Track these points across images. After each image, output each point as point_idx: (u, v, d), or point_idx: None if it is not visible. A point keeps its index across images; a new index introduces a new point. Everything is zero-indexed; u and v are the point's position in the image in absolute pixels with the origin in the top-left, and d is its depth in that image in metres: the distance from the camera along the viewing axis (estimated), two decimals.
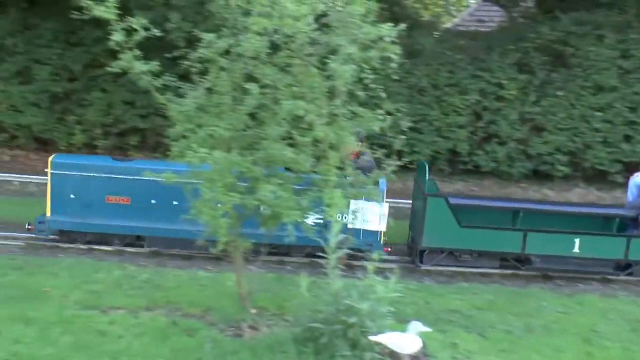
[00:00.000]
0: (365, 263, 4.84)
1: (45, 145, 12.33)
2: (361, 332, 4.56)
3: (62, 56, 12.40)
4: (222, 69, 4.79)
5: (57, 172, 7.43)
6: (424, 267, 7.53)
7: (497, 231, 7.43)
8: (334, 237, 4.75)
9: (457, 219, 7.34)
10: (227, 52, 4.78)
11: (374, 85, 4.96)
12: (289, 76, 4.93)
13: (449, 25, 17.32)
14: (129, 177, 7.24)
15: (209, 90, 4.85)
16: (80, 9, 5.51)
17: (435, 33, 13.49)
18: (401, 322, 4.99)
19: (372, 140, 5.44)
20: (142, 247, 7.57)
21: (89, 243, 7.59)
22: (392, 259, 7.56)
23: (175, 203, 7.05)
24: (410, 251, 7.98)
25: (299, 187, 5.12)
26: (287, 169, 5.20)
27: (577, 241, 7.41)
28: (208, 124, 4.70)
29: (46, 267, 6.69)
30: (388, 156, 5.46)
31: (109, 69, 5.02)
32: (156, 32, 4.70)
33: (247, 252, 5.49)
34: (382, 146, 5.74)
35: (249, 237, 5.35)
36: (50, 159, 7.57)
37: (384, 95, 5.04)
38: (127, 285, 6.24)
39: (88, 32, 12.09)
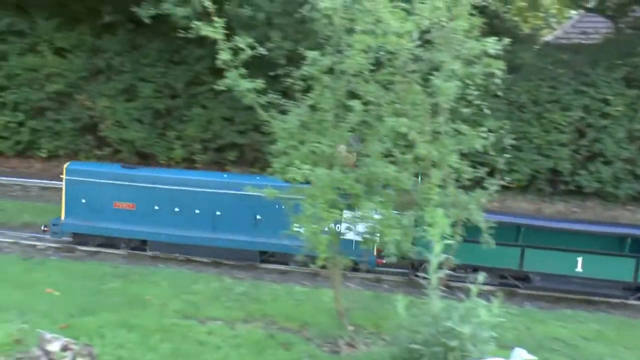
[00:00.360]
0: (467, 285, 4.70)
1: (145, 159, 12.81)
2: (462, 356, 4.42)
3: (165, 74, 12.90)
4: (325, 86, 4.80)
5: (70, 178, 7.83)
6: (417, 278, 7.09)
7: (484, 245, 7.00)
8: (436, 257, 4.64)
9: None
10: (330, 70, 4.80)
11: (477, 102, 4.84)
12: (391, 93, 4.89)
13: (549, 38, 16.76)
14: (135, 184, 7.59)
15: (312, 107, 4.87)
16: (185, 29, 5.72)
17: (535, 46, 13.11)
18: (503, 348, 4.80)
19: (472, 158, 5.29)
20: (145, 250, 7.82)
21: (99, 246, 7.91)
22: (387, 270, 7.53)
23: (176, 209, 7.46)
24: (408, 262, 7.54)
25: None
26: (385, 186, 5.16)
27: (580, 260, 6.96)
28: (310, 140, 4.72)
29: (147, 276, 6.92)
30: (490, 174, 5.31)
31: (214, 86, 5.15)
32: (262, 51, 4.78)
33: (346, 269, 5.46)
34: (481, 164, 5.60)
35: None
36: (65, 165, 7.99)
37: (488, 112, 4.91)
38: (224, 297, 6.34)
39: (190, 51, 12.53)
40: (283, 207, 6.64)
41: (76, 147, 13.37)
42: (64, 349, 4.47)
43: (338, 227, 6.44)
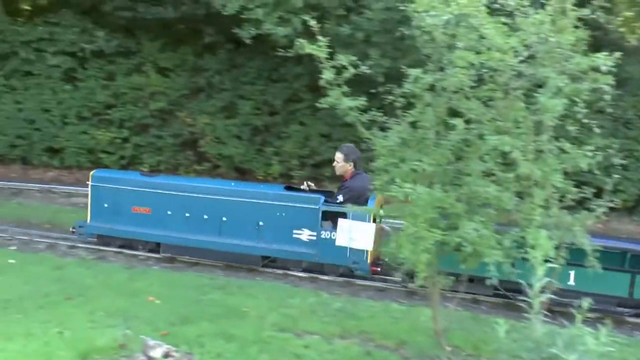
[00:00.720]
0: (571, 310, 4.53)
1: (243, 175, 13.16)
2: None
3: (264, 92, 13.25)
4: (427, 104, 4.78)
5: (95, 184, 8.42)
6: (410, 287, 7.01)
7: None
8: (538, 280, 4.50)
9: None
10: (431, 87, 4.78)
11: (584, 120, 4.68)
12: (493, 110, 4.81)
13: None
14: (151, 191, 8.09)
15: (412, 125, 4.86)
16: (284, 48, 5.87)
17: None
18: None
19: (576, 178, 5.11)
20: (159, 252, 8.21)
21: (120, 247, 8.38)
22: (382, 278, 7.52)
23: (187, 215, 7.90)
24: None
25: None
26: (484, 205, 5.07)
27: (572, 273, 6.60)
28: (411, 158, 4.71)
29: (245, 288, 7.05)
30: (596, 195, 5.11)
31: (313, 103, 5.24)
32: (364, 69, 4.82)
33: (445, 288, 5.38)
34: (585, 184, 5.39)
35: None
36: (91, 173, 8.61)
37: (597, 130, 4.73)
38: (321, 312, 6.35)
39: (289, 69, 12.82)
40: (284, 214, 7.49)
41: (176, 162, 13.92)
42: (166, 355, 4.64)
43: (333, 235, 7.22)
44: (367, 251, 7.25)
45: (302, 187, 8.12)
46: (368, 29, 10.59)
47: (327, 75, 4.78)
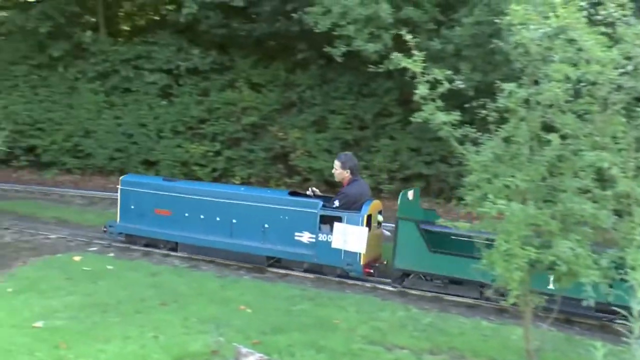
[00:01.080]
0: None
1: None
2: None
3: (354, 106, 13.35)
4: (521, 118, 4.70)
5: (124, 188, 9.19)
6: (398, 288, 7.60)
7: (463, 258, 6.88)
8: (638, 303, 4.32)
9: (427, 243, 7.26)
10: (525, 101, 4.70)
11: None
12: (590, 125, 4.67)
13: None
14: (171, 194, 8.75)
15: (506, 140, 4.79)
16: (375, 63, 5.93)
17: None
18: None
19: None
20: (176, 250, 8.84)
21: (145, 245, 9.03)
22: (374, 280, 7.81)
23: (202, 217, 8.54)
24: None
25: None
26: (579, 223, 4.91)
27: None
28: (504, 174, 4.64)
29: (334, 300, 7.10)
30: None
31: (403, 118, 5.25)
32: (459, 84, 4.81)
33: (537, 308, 5.25)
34: None
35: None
36: (121, 178, 9.44)
37: None
38: (410, 326, 6.31)
39: (379, 84, 12.88)
40: (286, 217, 8.02)
41: (267, 175, 14.21)
42: None
43: (330, 238, 7.69)
44: (360, 254, 7.58)
45: (307, 192, 8.58)
46: (459, 42, 10.51)
47: (422, 89, 4.78)
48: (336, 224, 7.63)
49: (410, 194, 7.81)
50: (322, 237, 7.84)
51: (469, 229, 4.93)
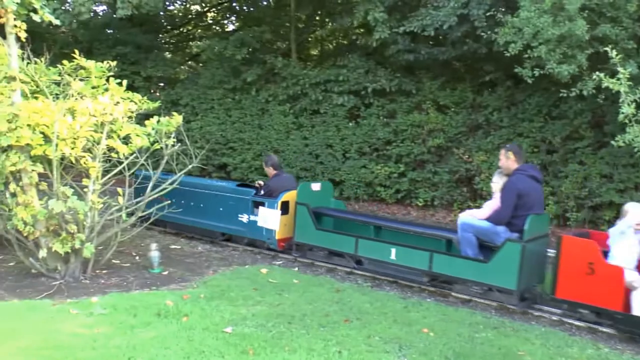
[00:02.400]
0: None
1: None
2: None
3: (542, 129, 12.86)
4: None
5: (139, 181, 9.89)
6: (297, 258, 9.68)
7: (337, 235, 9.20)
8: None
9: (314, 223, 9.26)
10: None
11: None
12: None
13: None
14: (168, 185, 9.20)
15: None
16: (567, 84, 5.65)
17: None
18: None
19: None
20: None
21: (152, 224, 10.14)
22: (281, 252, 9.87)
23: (182, 202, 10.42)
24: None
25: None
26: None
27: (394, 250, 8.43)
28: None
29: (519, 331, 6.84)
30: None
31: (613, 142, 4.96)
32: None
33: None
34: None
35: None
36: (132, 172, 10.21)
37: None
38: None
39: (569, 106, 12.31)
40: (233, 203, 10.15)
41: (451, 198, 14.06)
42: None
43: (256, 217, 9.80)
44: (275, 231, 9.62)
45: (255, 184, 10.61)
46: None
47: (627, 109, 4.52)
48: (260, 208, 9.74)
49: (314, 186, 9.86)
50: (253, 217, 9.90)
51: None
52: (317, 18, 20.04)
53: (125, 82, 8.41)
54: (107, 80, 8.26)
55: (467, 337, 6.52)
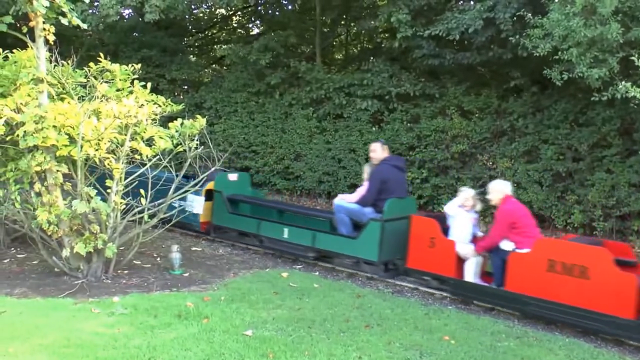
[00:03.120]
0: None
1: (542, 222, 12.60)
2: None
3: (568, 136, 12.67)
4: None
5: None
6: (214, 237, 11.03)
7: (244, 217, 10.57)
8: None
9: (227, 207, 10.65)
10: None
11: None
12: None
13: None
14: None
15: None
16: (597, 89, 5.54)
17: None
18: None
19: None
20: None
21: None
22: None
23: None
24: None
25: None
26: None
27: (286, 230, 9.85)
28: None
29: (542, 341, 6.75)
30: None
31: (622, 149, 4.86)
32: None
33: None
34: None
35: None
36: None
37: None
38: None
39: (597, 112, 12.14)
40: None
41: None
42: None
43: (188, 203, 10.38)
44: (199, 215, 10.68)
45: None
46: None
47: None
48: (188, 194, 9.88)
49: (231, 176, 11.15)
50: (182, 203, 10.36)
51: None
52: (342, 22, 20.02)
53: (149, 84, 8.50)
54: (132, 82, 8.34)
55: (489, 345, 6.46)
